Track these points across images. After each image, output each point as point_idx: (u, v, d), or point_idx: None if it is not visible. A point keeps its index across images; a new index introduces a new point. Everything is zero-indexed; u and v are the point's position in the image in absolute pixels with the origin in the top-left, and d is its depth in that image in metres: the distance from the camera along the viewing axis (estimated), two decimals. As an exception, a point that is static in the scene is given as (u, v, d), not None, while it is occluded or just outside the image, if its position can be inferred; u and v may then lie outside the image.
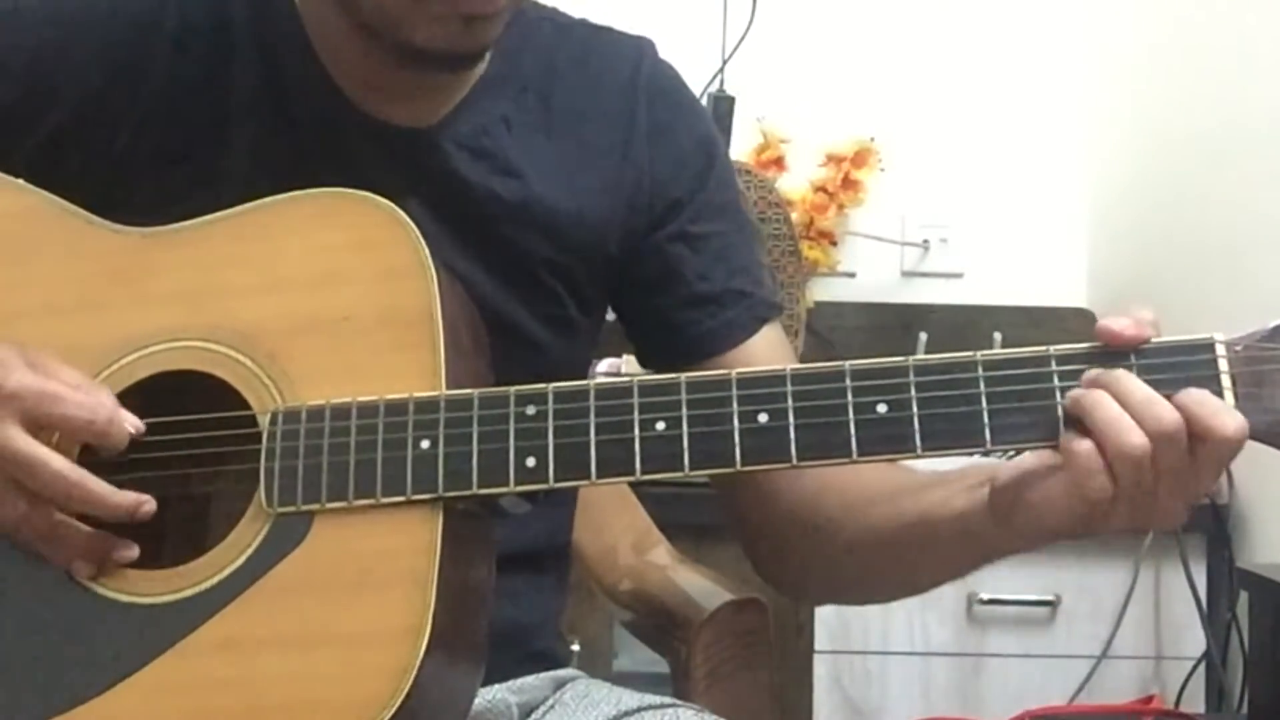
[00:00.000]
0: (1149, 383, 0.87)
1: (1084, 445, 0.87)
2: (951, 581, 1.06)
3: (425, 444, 0.94)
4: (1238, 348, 0.87)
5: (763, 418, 0.91)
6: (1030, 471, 0.91)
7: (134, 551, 0.96)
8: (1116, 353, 0.89)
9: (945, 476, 1.01)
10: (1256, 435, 0.87)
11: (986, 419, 0.89)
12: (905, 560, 1.05)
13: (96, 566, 0.96)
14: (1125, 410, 0.87)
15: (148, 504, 0.96)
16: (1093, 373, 0.89)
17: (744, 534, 1.17)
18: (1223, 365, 0.87)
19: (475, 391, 0.95)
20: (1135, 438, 0.86)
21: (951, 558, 1.02)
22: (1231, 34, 2.32)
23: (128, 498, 0.95)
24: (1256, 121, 2.21)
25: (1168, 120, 2.54)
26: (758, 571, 1.19)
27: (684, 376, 0.94)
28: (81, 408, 0.95)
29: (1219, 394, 0.87)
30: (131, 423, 0.97)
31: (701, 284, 1.16)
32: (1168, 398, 0.86)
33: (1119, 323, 0.89)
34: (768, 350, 1.15)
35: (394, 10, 1.02)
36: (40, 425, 0.95)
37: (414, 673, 0.89)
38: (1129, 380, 0.88)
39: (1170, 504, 0.88)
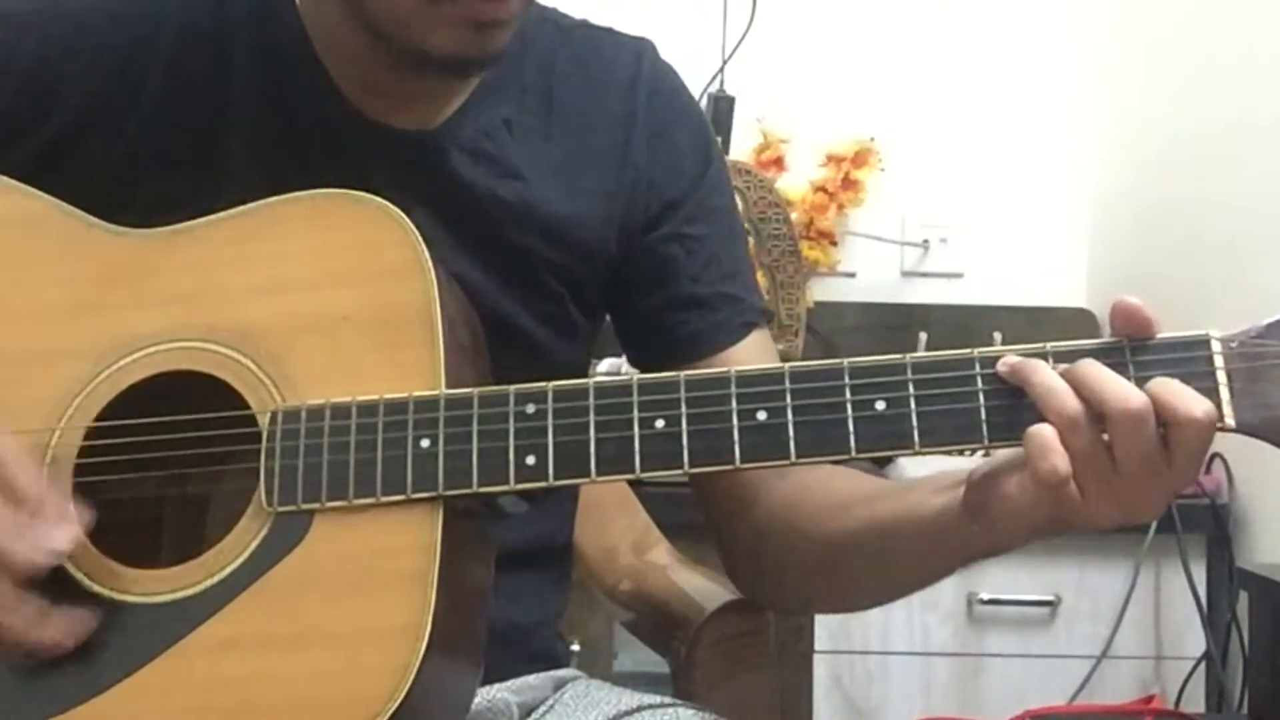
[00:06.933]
0: (1144, 378, 0.87)
1: (1041, 425, 0.87)
2: (930, 584, 1.05)
3: (425, 443, 0.94)
4: (1233, 344, 0.87)
5: (762, 415, 0.91)
6: (1003, 464, 0.91)
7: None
8: (1112, 348, 0.89)
9: (922, 480, 1.01)
10: (1252, 431, 0.87)
11: (984, 415, 0.89)
12: (881, 562, 1.05)
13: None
14: (1072, 383, 0.87)
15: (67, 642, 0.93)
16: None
17: (721, 542, 1.18)
18: (1218, 361, 0.87)
19: (475, 390, 0.95)
20: (1071, 402, 0.86)
21: (928, 558, 1.01)
22: (1231, 34, 2.32)
23: (48, 633, 0.92)
24: (1257, 122, 2.21)
25: (1168, 120, 2.54)
26: (734, 582, 1.20)
27: (683, 375, 0.94)
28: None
29: (1214, 390, 0.87)
30: (67, 537, 0.92)
31: (693, 286, 1.16)
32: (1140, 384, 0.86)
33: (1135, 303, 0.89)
34: (754, 355, 1.15)
35: (404, 14, 1.01)
36: None
37: (414, 671, 0.89)
38: (1089, 363, 0.88)
39: (1147, 493, 0.87)
